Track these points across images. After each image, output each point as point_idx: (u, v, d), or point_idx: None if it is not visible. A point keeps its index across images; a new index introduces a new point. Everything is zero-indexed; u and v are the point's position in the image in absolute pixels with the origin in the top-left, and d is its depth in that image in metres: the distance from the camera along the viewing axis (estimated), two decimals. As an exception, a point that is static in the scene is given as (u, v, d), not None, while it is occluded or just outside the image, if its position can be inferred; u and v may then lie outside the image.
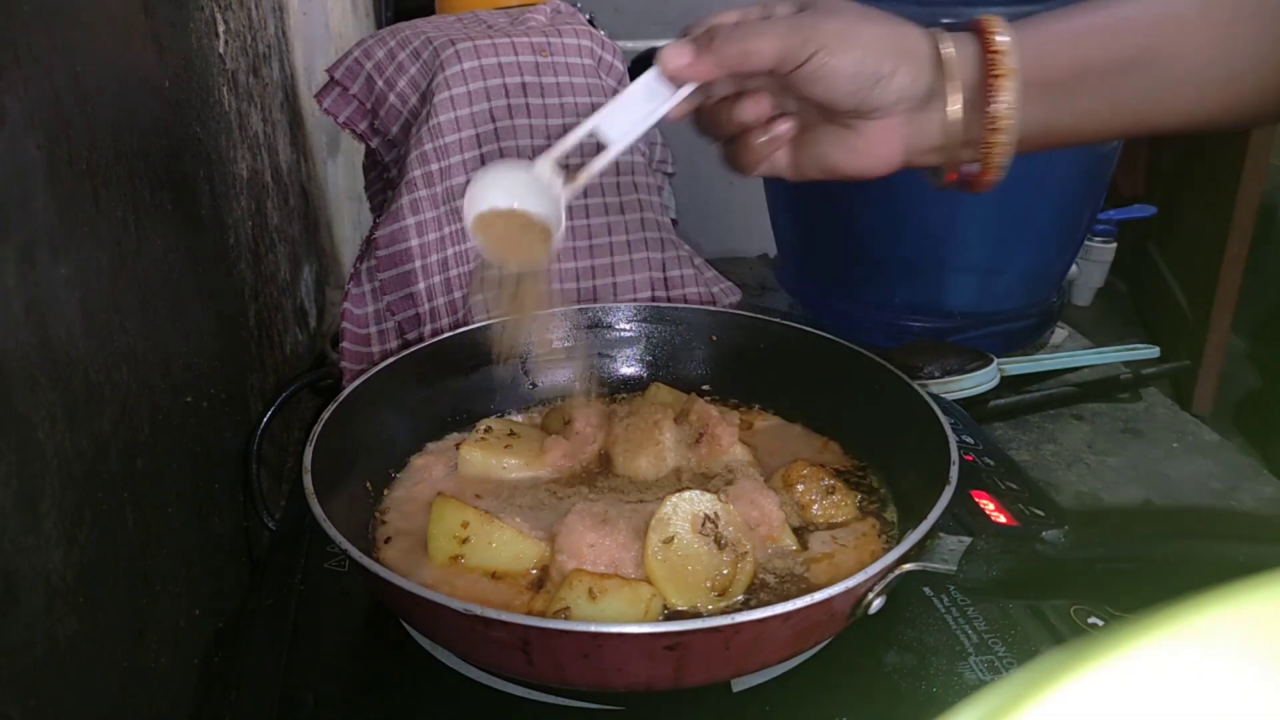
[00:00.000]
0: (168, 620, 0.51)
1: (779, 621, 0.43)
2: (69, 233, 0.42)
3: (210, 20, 0.70)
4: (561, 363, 0.75)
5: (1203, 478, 0.82)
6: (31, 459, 0.37)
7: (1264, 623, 0.20)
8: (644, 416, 0.64)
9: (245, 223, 0.75)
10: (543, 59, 0.81)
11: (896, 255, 1.00)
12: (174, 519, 0.53)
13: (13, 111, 0.37)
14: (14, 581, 0.35)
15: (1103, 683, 0.19)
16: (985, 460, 0.68)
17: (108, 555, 0.44)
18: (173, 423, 0.54)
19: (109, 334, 0.46)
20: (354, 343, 0.78)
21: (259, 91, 0.86)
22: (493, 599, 0.52)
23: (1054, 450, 0.86)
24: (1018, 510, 0.62)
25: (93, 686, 0.41)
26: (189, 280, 0.60)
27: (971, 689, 0.49)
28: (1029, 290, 1.03)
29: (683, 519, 0.52)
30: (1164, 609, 0.20)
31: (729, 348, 0.75)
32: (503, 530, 0.54)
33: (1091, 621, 0.52)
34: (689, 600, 0.51)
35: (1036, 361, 0.97)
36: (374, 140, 0.83)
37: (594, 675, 0.45)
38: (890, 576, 0.47)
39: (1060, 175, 0.95)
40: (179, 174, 0.60)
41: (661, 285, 0.84)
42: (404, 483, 0.63)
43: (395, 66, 0.80)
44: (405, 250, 0.76)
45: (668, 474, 0.62)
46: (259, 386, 0.76)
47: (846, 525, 0.59)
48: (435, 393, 0.69)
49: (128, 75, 0.53)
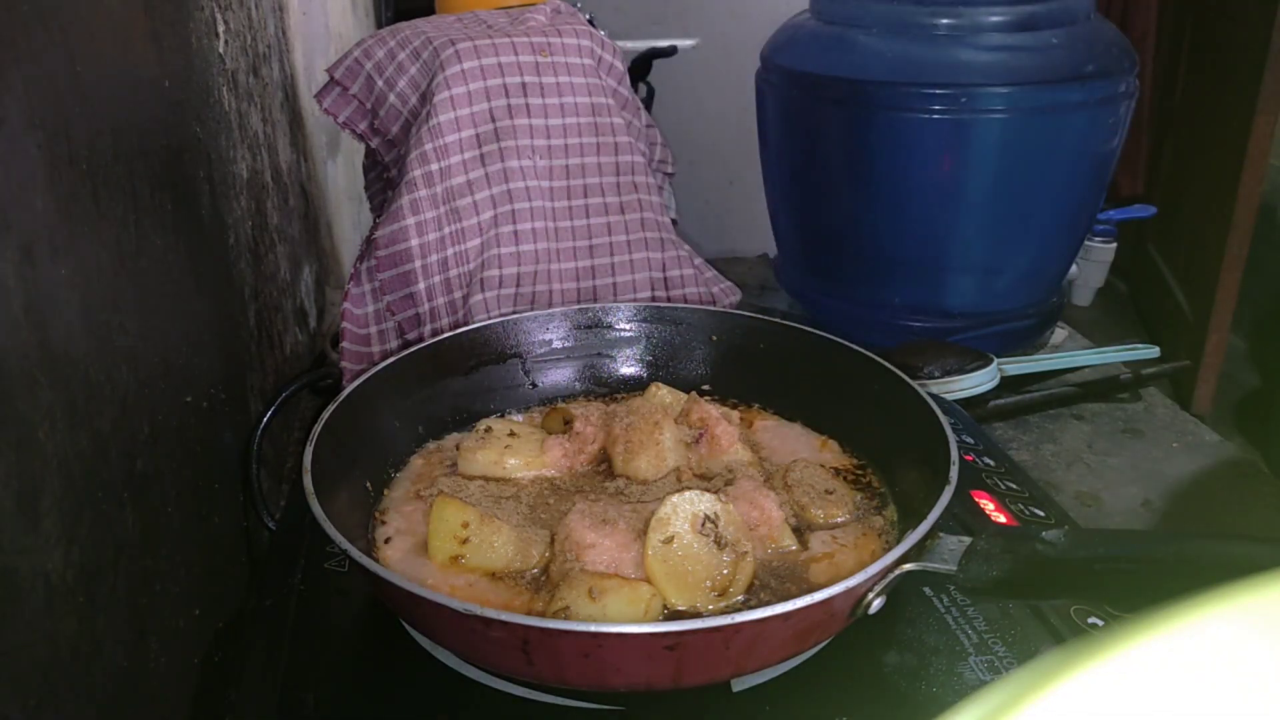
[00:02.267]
0: (168, 620, 0.51)
1: (779, 621, 0.43)
2: (69, 233, 0.42)
3: (210, 20, 0.70)
4: (561, 363, 0.75)
5: (1203, 478, 0.82)
6: (31, 459, 0.37)
7: (1264, 623, 0.20)
8: (644, 416, 0.64)
9: (245, 223, 0.75)
10: (543, 59, 0.81)
11: (896, 255, 1.00)
12: (174, 519, 0.53)
13: (13, 111, 0.37)
14: (14, 581, 0.35)
15: (1103, 683, 0.19)
16: (985, 460, 0.68)
17: (108, 555, 0.44)
18: (173, 423, 0.54)
19: (109, 334, 0.46)
20: (354, 343, 0.78)
21: (259, 91, 0.86)
22: (493, 599, 0.52)
23: (1054, 450, 0.86)
24: (1018, 510, 0.62)
25: (93, 686, 0.41)
26: (189, 280, 0.60)
27: (971, 689, 0.49)
28: (1029, 290, 1.03)
29: (683, 519, 0.52)
30: (1164, 609, 0.20)
31: (729, 348, 0.75)
32: (503, 530, 0.54)
33: (1091, 621, 0.52)
34: (689, 600, 0.51)
35: (1036, 361, 0.97)
36: (374, 140, 0.83)
37: (594, 675, 0.45)
38: (890, 576, 0.47)
39: (1060, 175, 0.96)
40: (179, 174, 0.60)
41: (661, 285, 0.84)
42: (404, 483, 0.63)
43: (395, 66, 0.80)
44: (405, 250, 0.76)
45: (668, 474, 0.62)
46: (259, 386, 0.76)
47: (846, 525, 0.59)
48: (435, 393, 0.69)
49: (128, 75, 0.53)
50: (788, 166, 1.08)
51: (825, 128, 1.00)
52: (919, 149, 0.93)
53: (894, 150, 0.94)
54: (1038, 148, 0.94)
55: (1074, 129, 0.94)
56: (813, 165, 1.03)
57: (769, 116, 1.07)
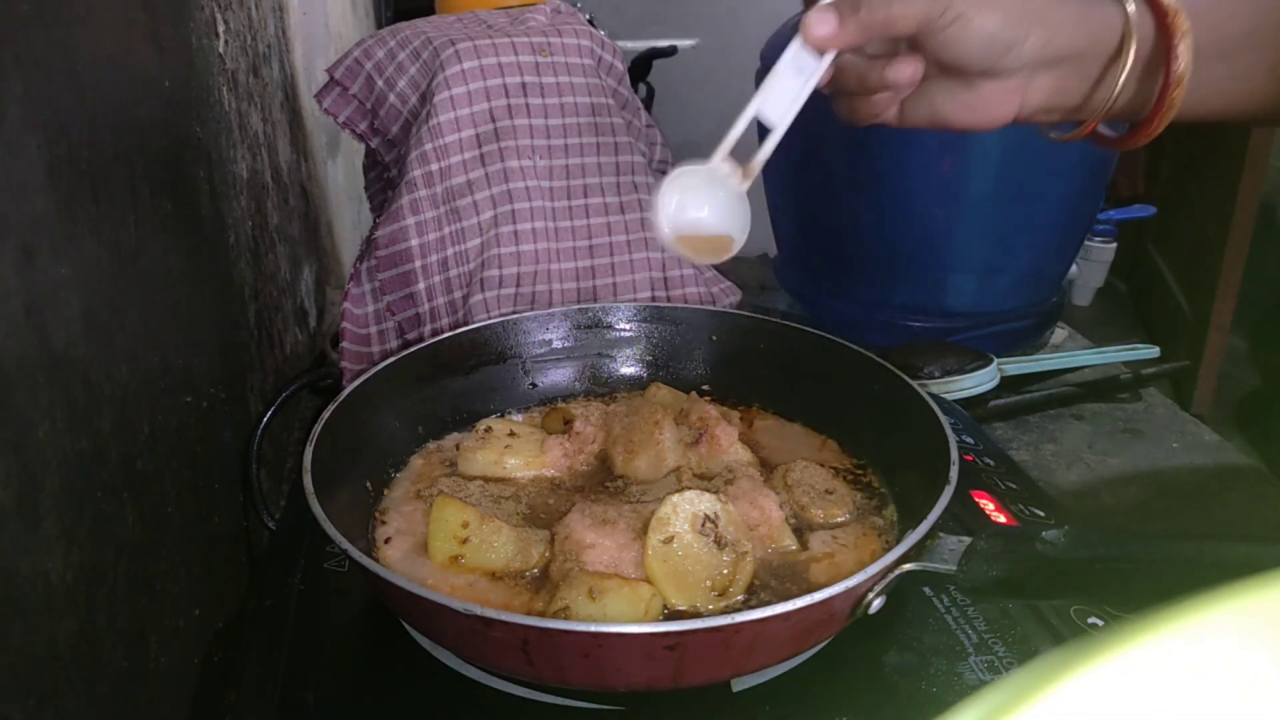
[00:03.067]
0: (168, 620, 0.51)
1: (779, 621, 0.43)
2: (69, 233, 0.42)
3: (210, 20, 0.70)
4: (561, 363, 0.75)
5: (1203, 478, 0.82)
6: (31, 459, 0.37)
7: (1264, 622, 0.20)
8: (644, 416, 0.64)
9: (245, 223, 0.75)
10: (543, 59, 0.81)
11: (896, 255, 1.00)
12: (174, 519, 0.53)
13: (13, 111, 0.37)
14: (14, 581, 0.35)
15: (1103, 683, 0.19)
16: (985, 460, 0.68)
17: (108, 555, 0.44)
18: (173, 423, 0.54)
19: (109, 334, 0.46)
20: (354, 343, 0.78)
21: (259, 91, 0.86)
22: (493, 599, 0.52)
23: (1054, 450, 0.86)
24: (1018, 510, 0.62)
25: (93, 686, 0.41)
26: (189, 280, 0.60)
27: (971, 689, 0.49)
28: (1029, 290, 1.03)
29: (683, 519, 0.52)
30: (1164, 609, 0.20)
31: (729, 348, 0.75)
32: (503, 530, 0.54)
33: (1091, 621, 0.52)
34: (689, 600, 0.51)
35: (1036, 361, 0.97)
36: (374, 140, 0.83)
37: (594, 675, 0.45)
38: (890, 576, 0.47)
39: (1060, 175, 0.95)
40: (179, 174, 0.60)
41: (661, 285, 0.84)
42: (404, 483, 0.63)
43: (395, 66, 0.80)
44: (405, 250, 0.76)
45: (668, 474, 0.62)
46: (259, 386, 0.76)
47: (846, 525, 0.59)
48: (435, 393, 0.69)
49: (127, 75, 0.53)
50: (788, 166, 1.08)
51: (825, 127, 1.00)
52: (919, 149, 0.93)
53: (894, 150, 0.94)
54: (1038, 148, 0.93)
55: (1074, 129, 0.94)
56: (813, 165, 1.03)
57: (769, 116, 1.07)
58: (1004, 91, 0.54)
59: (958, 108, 0.55)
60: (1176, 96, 0.52)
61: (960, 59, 0.52)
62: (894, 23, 0.51)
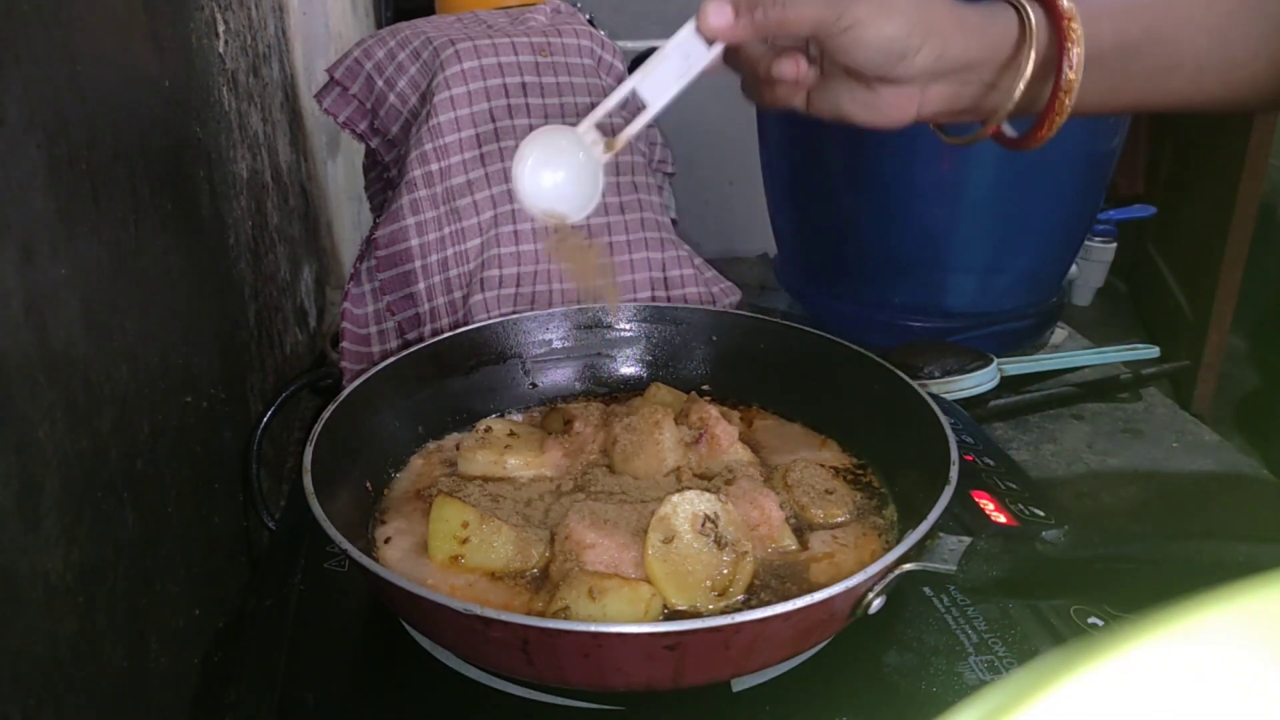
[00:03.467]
0: (168, 620, 0.51)
1: (779, 621, 0.43)
2: (69, 233, 0.42)
3: (210, 20, 0.70)
4: (561, 363, 0.75)
5: (1203, 478, 0.82)
6: (31, 459, 0.37)
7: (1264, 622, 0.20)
8: (644, 416, 0.64)
9: (245, 223, 0.75)
10: (543, 59, 0.81)
11: (896, 255, 1.00)
12: (174, 519, 0.53)
13: (13, 111, 0.37)
14: (14, 581, 0.35)
15: (1103, 683, 0.19)
16: (985, 460, 0.68)
17: (108, 555, 0.44)
18: (173, 423, 0.54)
19: (109, 334, 0.46)
20: (354, 343, 0.78)
21: (259, 91, 0.86)
22: (493, 599, 0.52)
23: (1054, 450, 0.86)
24: (1018, 510, 0.62)
25: (93, 686, 0.41)
26: (189, 280, 0.60)
27: (971, 689, 0.49)
28: (1029, 290, 1.03)
29: (683, 519, 0.52)
30: (1164, 609, 0.20)
31: (729, 348, 0.75)
32: (503, 530, 0.54)
33: (1091, 621, 0.52)
34: (689, 600, 0.51)
35: (1036, 361, 0.97)
36: (374, 140, 0.83)
37: (594, 675, 0.45)
38: (890, 576, 0.47)
39: (1060, 175, 0.95)
40: (179, 174, 0.60)
41: (661, 285, 0.84)
42: (404, 483, 0.63)
43: (395, 66, 0.80)
44: (405, 250, 0.76)
45: (668, 474, 0.62)
46: (259, 386, 0.76)
47: (846, 525, 0.59)
48: (435, 393, 0.69)
49: (127, 75, 0.53)
50: (788, 166, 1.08)
51: (825, 127, 1.00)
52: (919, 149, 0.93)
53: (894, 150, 0.94)
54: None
55: (1074, 129, 0.93)
56: (813, 165, 1.03)
57: (769, 116, 1.07)
58: (901, 95, 0.55)
59: (859, 107, 0.56)
60: (1066, 102, 0.54)
61: (855, 64, 0.53)
62: (788, 25, 0.52)
